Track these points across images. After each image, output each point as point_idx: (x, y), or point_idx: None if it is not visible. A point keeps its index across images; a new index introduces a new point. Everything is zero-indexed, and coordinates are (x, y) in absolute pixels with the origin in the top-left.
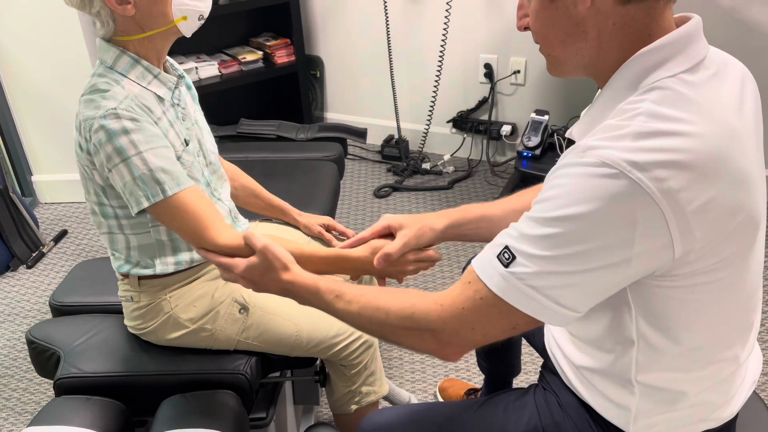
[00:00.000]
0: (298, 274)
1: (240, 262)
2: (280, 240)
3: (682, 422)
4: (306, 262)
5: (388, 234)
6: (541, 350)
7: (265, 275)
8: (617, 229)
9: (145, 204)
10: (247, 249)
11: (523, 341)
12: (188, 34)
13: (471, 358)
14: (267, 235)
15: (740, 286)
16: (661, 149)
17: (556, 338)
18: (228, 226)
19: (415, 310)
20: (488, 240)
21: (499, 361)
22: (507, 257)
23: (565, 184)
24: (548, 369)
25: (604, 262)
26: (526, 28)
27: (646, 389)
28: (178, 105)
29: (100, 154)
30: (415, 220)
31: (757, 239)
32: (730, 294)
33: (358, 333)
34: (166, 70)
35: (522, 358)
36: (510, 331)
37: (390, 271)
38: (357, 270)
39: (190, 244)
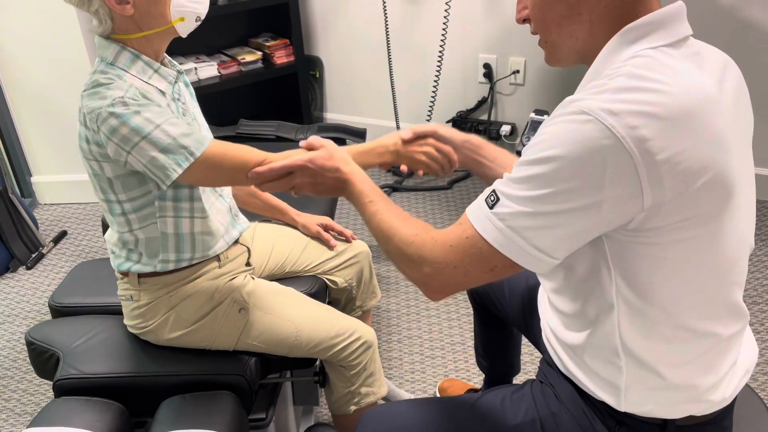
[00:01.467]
0: (354, 169)
1: (304, 154)
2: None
3: (671, 401)
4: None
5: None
6: (540, 344)
7: (327, 164)
8: (588, 172)
9: (178, 171)
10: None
11: (524, 340)
12: (184, 35)
13: (470, 358)
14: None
15: (714, 252)
16: (635, 101)
17: (549, 323)
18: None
19: (414, 240)
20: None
21: (498, 360)
22: (492, 199)
23: (548, 132)
24: (546, 362)
25: (575, 204)
26: (525, 20)
27: (632, 362)
28: (178, 100)
29: (114, 140)
30: (450, 137)
31: (729, 208)
32: (703, 257)
33: (358, 334)
34: (164, 66)
35: (522, 357)
36: (489, 274)
37: (408, 151)
38: (382, 155)
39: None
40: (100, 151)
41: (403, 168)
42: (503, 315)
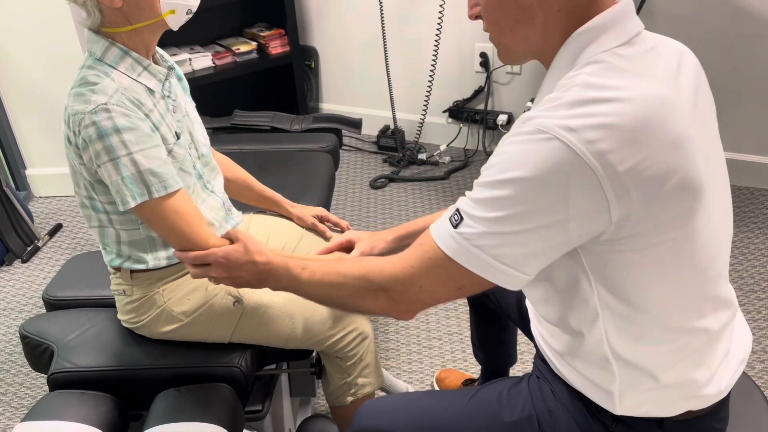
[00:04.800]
0: (271, 255)
1: (218, 250)
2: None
3: (666, 400)
4: None
5: (349, 248)
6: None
7: (242, 259)
8: (552, 191)
9: (132, 204)
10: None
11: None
12: (175, 28)
13: (468, 349)
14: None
15: (692, 250)
16: (592, 114)
17: (538, 328)
18: (213, 231)
19: (369, 270)
20: None
21: (495, 351)
22: (456, 219)
23: (506, 152)
24: (540, 358)
25: (540, 223)
26: (477, 17)
27: (624, 367)
28: (168, 97)
29: (89, 150)
30: (370, 236)
31: (701, 205)
32: (683, 258)
33: (354, 325)
34: (156, 62)
35: (519, 347)
36: (456, 292)
37: None
38: None
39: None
40: (78, 153)
41: None
42: (498, 309)
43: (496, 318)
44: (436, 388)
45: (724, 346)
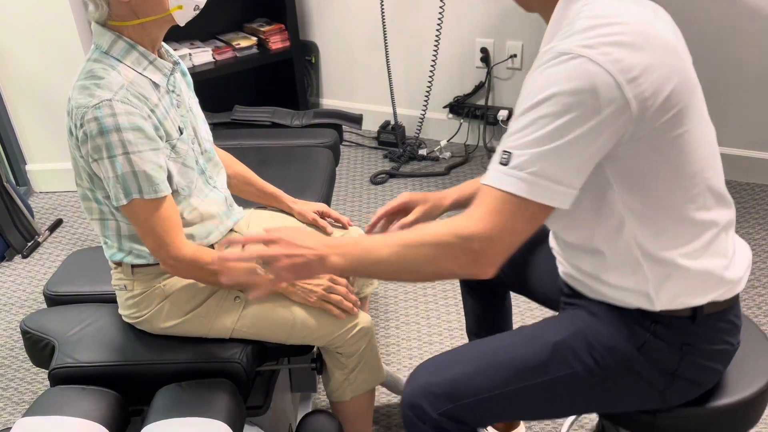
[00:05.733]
0: (331, 241)
1: (274, 229)
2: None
3: (697, 288)
4: None
5: (403, 210)
6: (546, 300)
7: (307, 230)
8: (584, 100)
9: (123, 201)
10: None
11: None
12: (182, 23)
13: None
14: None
15: (694, 147)
16: (602, 35)
17: (567, 260)
18: (190, 242)
19: (446, 231)
20: None
21: (496, 331)
22: (505, 157)
23: (535, 80)
24: (567, 295)
25: (580, 131)
26: None
27: (654, 265)
28: (173, 92)
29: (88, 144)
30: (424, 200)
31: (698, 103)
32: (687, 155)
33: (354, 321)
34: (161, 56)
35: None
36: (532, 222)
37: None
38: None
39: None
40: (77, 144)
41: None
42: (497, 280)
43: (492, 293)
44: None
45: (731, 242)
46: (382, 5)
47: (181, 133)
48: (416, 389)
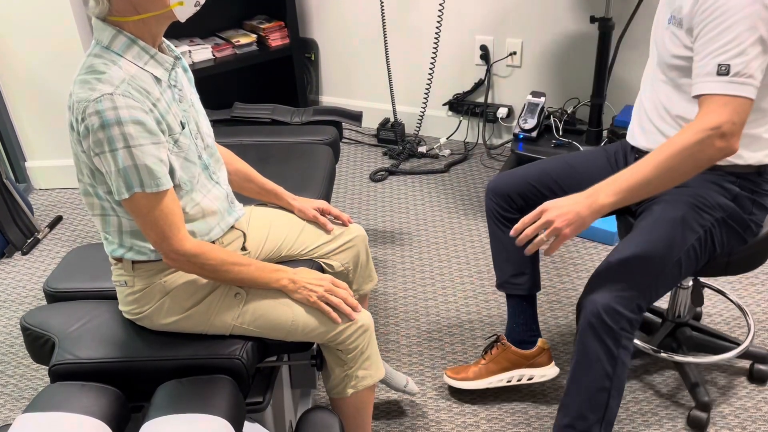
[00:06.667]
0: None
1: (544, 204)
2: None
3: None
4: None
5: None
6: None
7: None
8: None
9: (125, 195)
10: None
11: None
12: (183, 20)
13: (468, 341)
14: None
15: None
16: None
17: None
18: (191, 237)
19: (693, 132)
20: None
21: (529, 266)
22: (723, 69)
23: (724, 3)
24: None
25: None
26: None
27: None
28: (174, 86)
29: (89, 138)
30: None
31: None
32: None
33: (354, 317)
34: (162, 51)
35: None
36: (747, 106)
37: None
38: None
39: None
40: (78, 139)
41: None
42: (524, 207)
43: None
44: (450, 383)
45: None
46: (382, 3)
47: (183, 127)
48: (605, 298)
